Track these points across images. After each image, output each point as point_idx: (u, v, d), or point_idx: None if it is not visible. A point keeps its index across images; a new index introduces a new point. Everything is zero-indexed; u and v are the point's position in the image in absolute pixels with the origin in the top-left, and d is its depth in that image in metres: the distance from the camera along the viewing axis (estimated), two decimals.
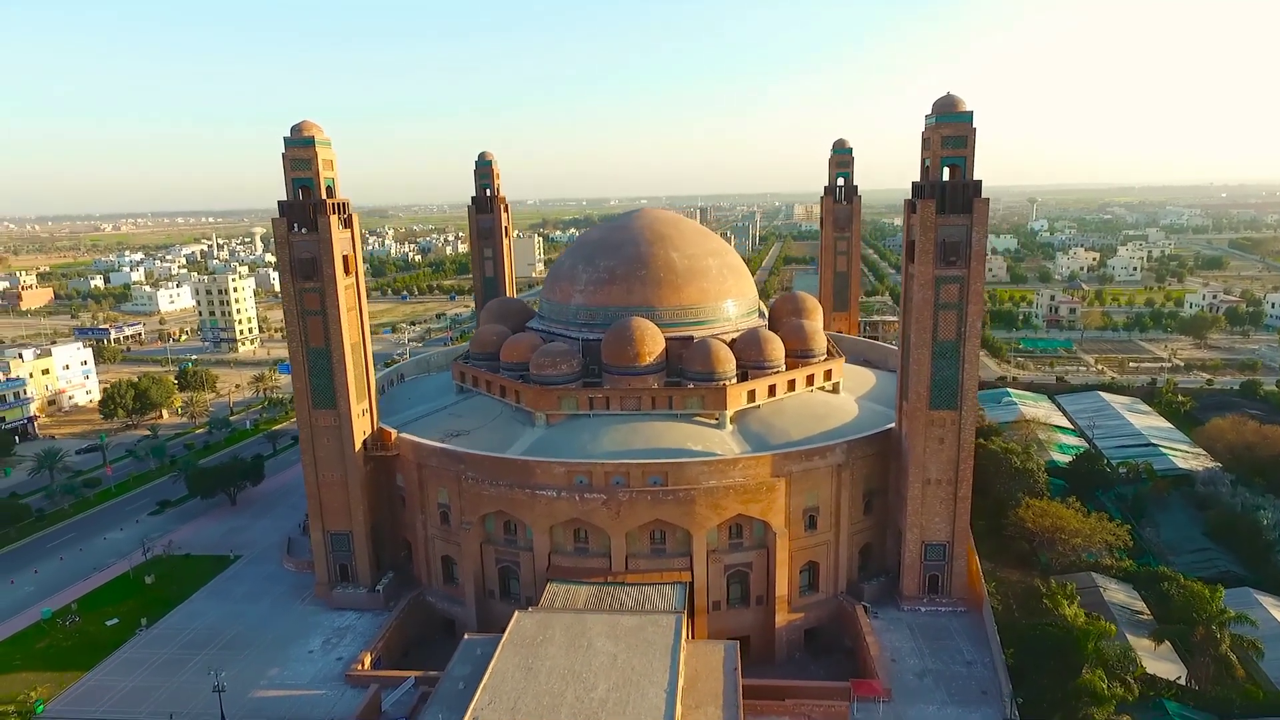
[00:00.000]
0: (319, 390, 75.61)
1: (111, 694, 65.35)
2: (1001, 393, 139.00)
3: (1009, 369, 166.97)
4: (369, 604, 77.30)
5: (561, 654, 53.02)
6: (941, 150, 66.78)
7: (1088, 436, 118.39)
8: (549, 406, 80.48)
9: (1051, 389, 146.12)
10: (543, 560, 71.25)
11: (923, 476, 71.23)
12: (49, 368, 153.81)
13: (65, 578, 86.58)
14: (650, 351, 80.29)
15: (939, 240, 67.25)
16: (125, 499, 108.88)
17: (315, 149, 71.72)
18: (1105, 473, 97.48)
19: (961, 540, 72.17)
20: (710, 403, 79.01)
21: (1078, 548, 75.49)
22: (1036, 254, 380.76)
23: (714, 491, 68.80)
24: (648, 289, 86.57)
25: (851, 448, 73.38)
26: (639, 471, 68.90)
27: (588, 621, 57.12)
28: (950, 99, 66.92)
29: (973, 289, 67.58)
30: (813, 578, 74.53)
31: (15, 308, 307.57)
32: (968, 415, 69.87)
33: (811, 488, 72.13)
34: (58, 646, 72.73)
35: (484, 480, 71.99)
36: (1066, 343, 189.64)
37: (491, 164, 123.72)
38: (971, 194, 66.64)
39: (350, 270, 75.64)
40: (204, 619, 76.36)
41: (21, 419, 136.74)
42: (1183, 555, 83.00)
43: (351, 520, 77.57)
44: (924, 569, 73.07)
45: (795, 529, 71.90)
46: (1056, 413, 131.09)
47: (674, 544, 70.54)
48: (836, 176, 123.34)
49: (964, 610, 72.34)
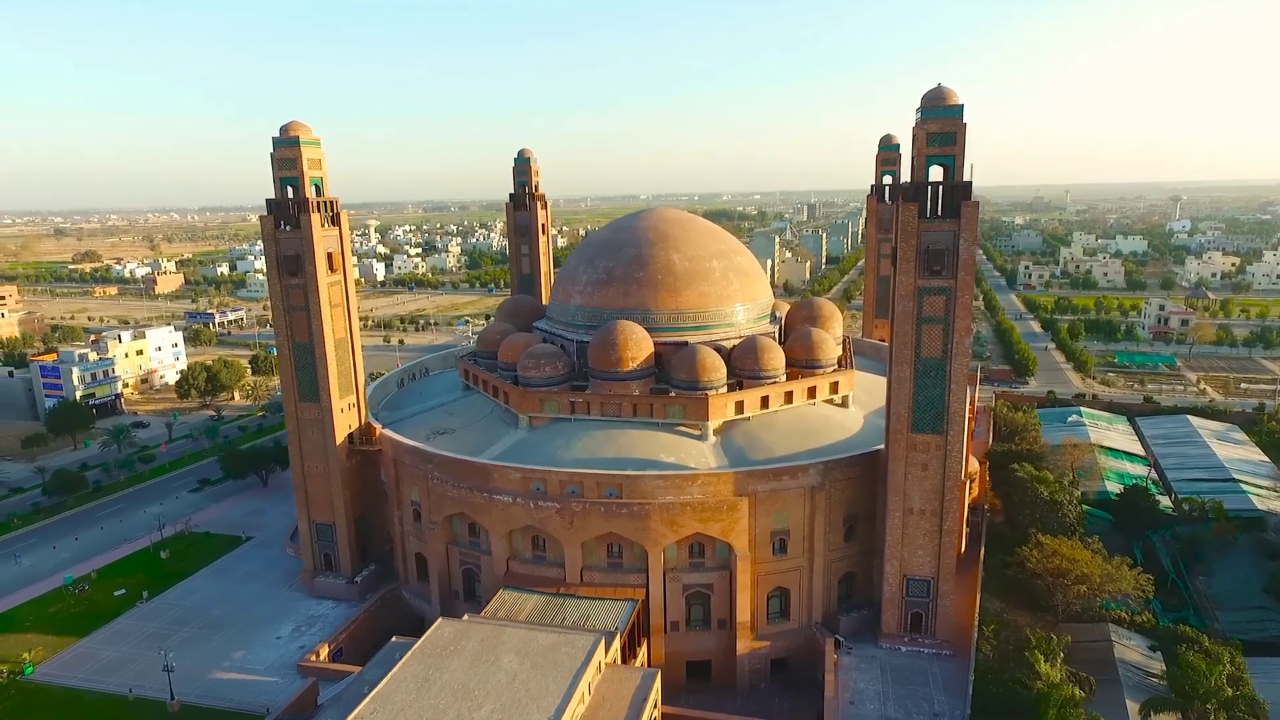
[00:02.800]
0: (304, 383, 77.61)
1: (94, 662, 69.55)
2: (1069, 411, 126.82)
3: (1093, 385, 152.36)
4: (347, 595, 78.87)
5: (464, 668, 51.70)
6: (927, 148, 60.54)
7: (1158, 466, 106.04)
8: (532, 409, 79.39)
9: (1135, 410, 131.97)
10: (501, 565, 70.29)
11: (904, 505, 65.27)
12: (143, 349, 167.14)
13: (98, 547, 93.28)
14: (634, 357, 77.64)
15: (922, 247, 61.15)
16: (174, 475, 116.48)
17: (300, 149, 73.35)
18: (1155, 509, 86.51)
19: (947, 577, 65.64)
20: (692, 412, 75.60)
21: (1085, 594, 67.09)
22: (1166, 257, 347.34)
23: (670, 507, 65.62)
24: (644, 291, 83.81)
25: (829, 469, 68.26)
26: (593, 482, 66.64)
27: (505, 635, 55.51)
28: (939, 91, 60.56)
29: (960, 301, 61.06)
30: (783, 605, 69.95)
31: (150, 291, 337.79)
32: (955, 441, 63.32)
33: (780, 509, 67.59)
34: (66, 612, 78.24)
35: (448, 481, 71.75)
36: (1169, 358, 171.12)
37: (530, 161, 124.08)
38: (960, 197, 60.15)
39: (336, 268, 77.09)
40: (197, 596, 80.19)
41: (110, 395, 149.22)
42: (1233, 612, 72.51)
43: (334, 511, 79.33)
44: (906, 605, 67.03)
45: (761, 552, 67.64)
46: (1130, 437, 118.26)
47: (631, 559, 67.92)
48: (883, 175, 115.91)
49: (948, 654, 65.90)
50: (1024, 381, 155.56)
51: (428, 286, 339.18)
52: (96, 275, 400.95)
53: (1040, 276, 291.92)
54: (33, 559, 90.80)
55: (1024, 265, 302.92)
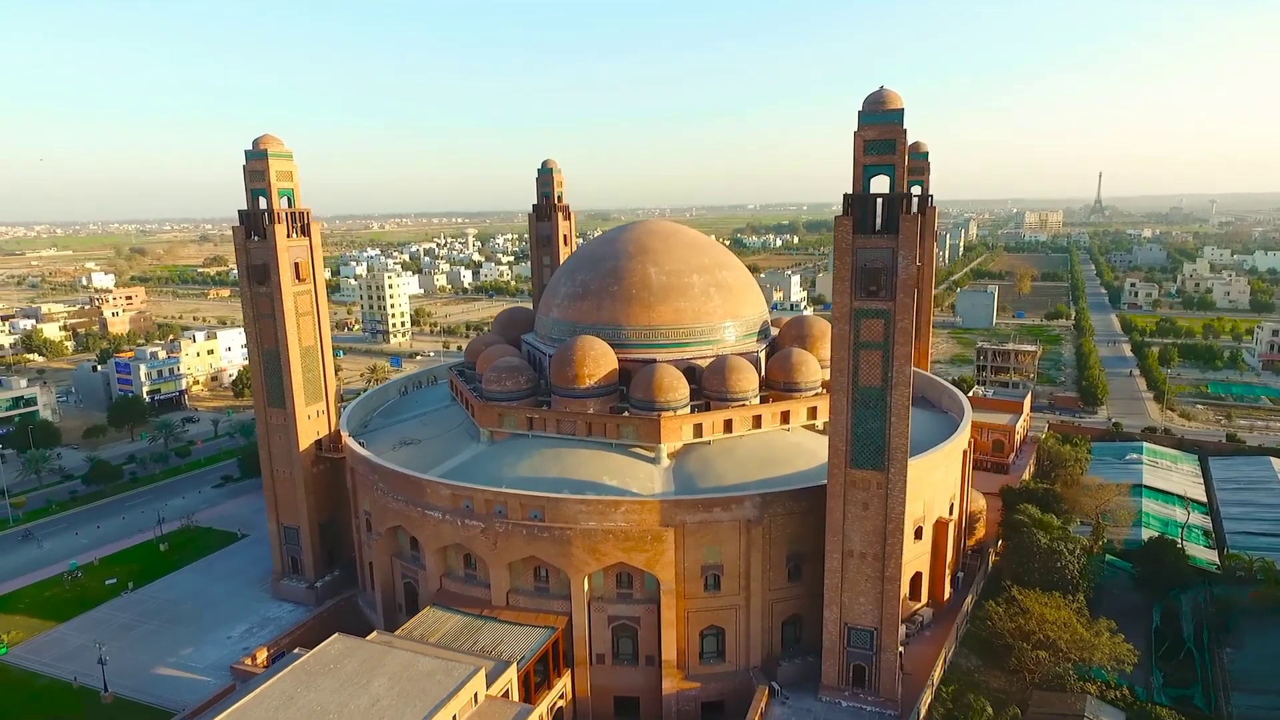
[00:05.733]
0: (272, 389, 79.46)
1: (61, 648, 73.36)
2: (1132, 447, 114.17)
3: (1171, 418, 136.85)
4: (305, 599, 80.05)
5: (334, 688, 50.69)
6: (865, 157, 55.03)
7: (1217, 515, 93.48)
8: (491, 423, 78.20)
9: (1211, 448, 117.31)
10: (434, 582, 69.28)
11: (843, 547, 59.61)
12: (214, 349, 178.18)
13: (113, 535, 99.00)
14: (591, 374, 75.13)
15: (858, 265, 55.70)
16: (204, 471, 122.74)
17: (269, 162, 75.25)
18: (1181, 565, 75.66)
19: (891, 629, 59.35)
20: (644, 434, 72.31)
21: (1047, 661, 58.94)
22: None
23: (593, 534, 62.62)
24: (617, 306, 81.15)
25: (767, 502, 63.35)
26: (518, 503, 64.45)
27: (389, 657, 54.20)
28: (879, 95, 55.01)
29: (899, 326, 55.16)
30: (719, 645, 65.38)
31: None
32: (896, 479, 57.21)
33: (712, 542, 63.23)
34: (58, 598, 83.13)
35: (390, 493, 71.43)
36: (1274, 390, 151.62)
37: (553, 172, 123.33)
38: (899, 210, 54.39)
39: (304, 277, 78.58)
40: (175, 590, 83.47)
41: (174, 391, 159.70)
42: (1252, 695, 62.16)
43: (298, 516, 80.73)
44: (846, 656, 61.16)
45: (691, 587, 63.48)
46: (1194, 479, 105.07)
47: (557, 585, 65.32)
48: (910, 186, 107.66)
49: (893, 714, 59.59)
50: (1091, 411, 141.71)
51: (506, 294, 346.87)
52: (217, 278, 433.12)
53: (1148, 295, 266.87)
54: (54, 543, 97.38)
55: (1130, 283, 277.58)
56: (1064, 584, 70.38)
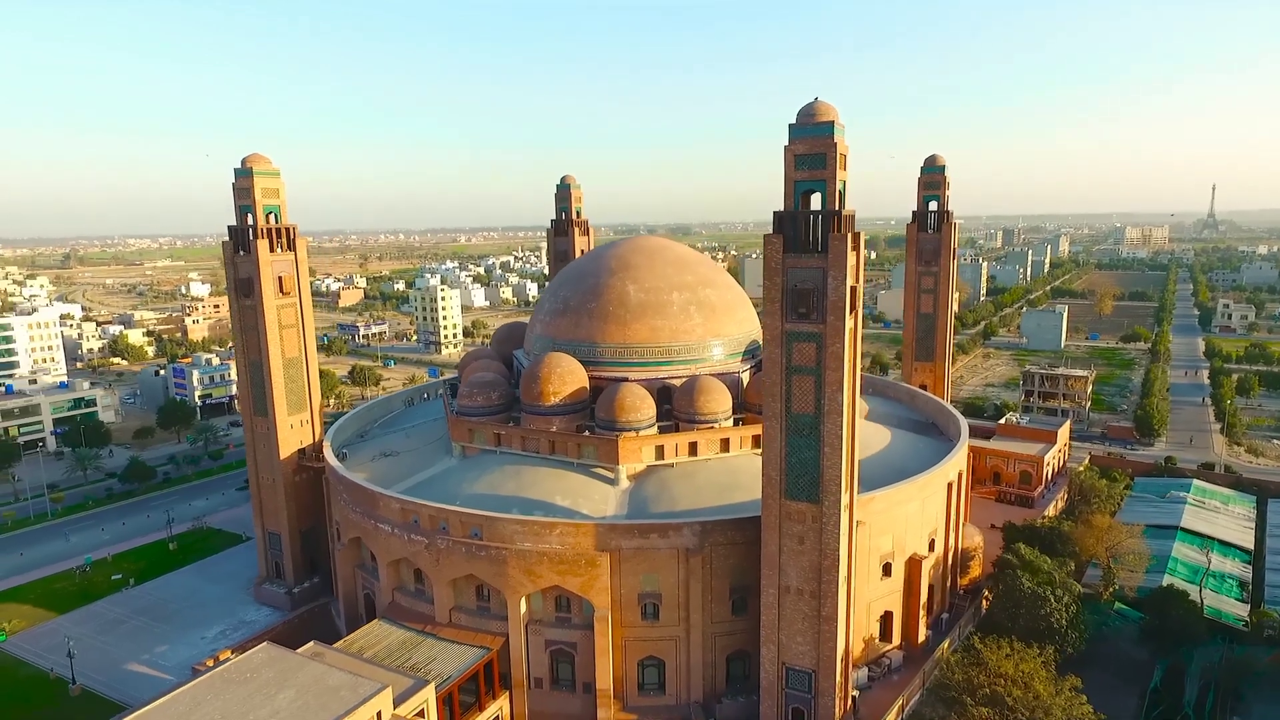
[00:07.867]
0: (258, 399, 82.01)
1: (54, 639, 77.21)
2: (1179, 484, 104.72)
3: (1237, 453, 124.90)
4: (283, 604, 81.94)
5: (241, 698, 51.17)
6: (795, 172, 52.25)
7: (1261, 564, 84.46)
8: (463, 438, 78.44)
9: (1273, 489, 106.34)
10: (387, 595, 69.64)
11: (778, 582, 56.44)
12: None
13: (133, 533, 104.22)
14: (556, 391, 74.38)
15: (788, 286, 52.88)
16: (232, 474, 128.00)
17: (254, 179, 77.98)
18: (1191, 620, 68.14)
19: (828, 672, 55.71)
20: (603, 454, 70.96)
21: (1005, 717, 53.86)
22: None
23: (527, 555, 61.54)
24: (593, 323, 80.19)
25: (707, 531, 60.79)
26: (459, 520, 64.02)
27: (306, 669, 54.33)
28: (810, 107, 52.11)
29: (829, 350, 51.96)
30: (660, 677, 63.01)
31: (335, 304, 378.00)
32: (831, 512, 53.78)
33: (649, 570, 61.11)
34: (65, 590, 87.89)
35: (351, 504, 72.40)
36: None
37: (570, 188, 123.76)
38: (827, 229, 51.36)
39: (289, 291, 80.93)
40: (169, 589, 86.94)
41: (225, 396, 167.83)
42: None
43: (280, 523, 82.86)
44: (785, 699, 57.79)
45: (628, 615, 61.53)
46: (1243, 524, 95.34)
47: (497, 605, 64.54)
48: (926, 200, 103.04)
49: None
50: (1147, 442, 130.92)
51: None
52: None
53: (1243, 318, 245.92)
54: (80, 538, 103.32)
55: (1223, 303, 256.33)
56: (1049, 633, 64.75)
